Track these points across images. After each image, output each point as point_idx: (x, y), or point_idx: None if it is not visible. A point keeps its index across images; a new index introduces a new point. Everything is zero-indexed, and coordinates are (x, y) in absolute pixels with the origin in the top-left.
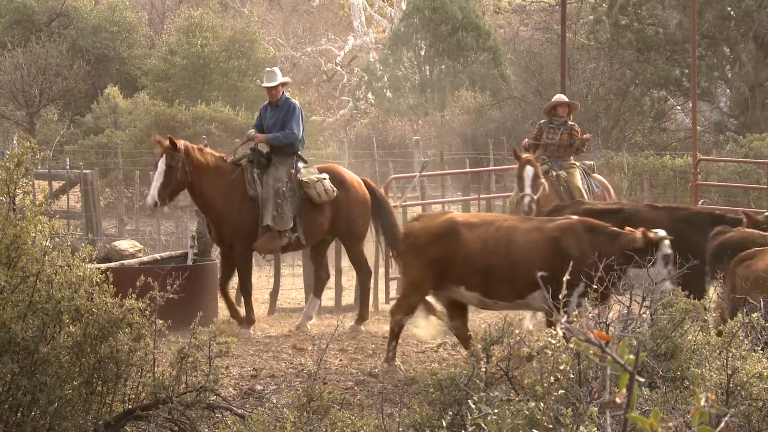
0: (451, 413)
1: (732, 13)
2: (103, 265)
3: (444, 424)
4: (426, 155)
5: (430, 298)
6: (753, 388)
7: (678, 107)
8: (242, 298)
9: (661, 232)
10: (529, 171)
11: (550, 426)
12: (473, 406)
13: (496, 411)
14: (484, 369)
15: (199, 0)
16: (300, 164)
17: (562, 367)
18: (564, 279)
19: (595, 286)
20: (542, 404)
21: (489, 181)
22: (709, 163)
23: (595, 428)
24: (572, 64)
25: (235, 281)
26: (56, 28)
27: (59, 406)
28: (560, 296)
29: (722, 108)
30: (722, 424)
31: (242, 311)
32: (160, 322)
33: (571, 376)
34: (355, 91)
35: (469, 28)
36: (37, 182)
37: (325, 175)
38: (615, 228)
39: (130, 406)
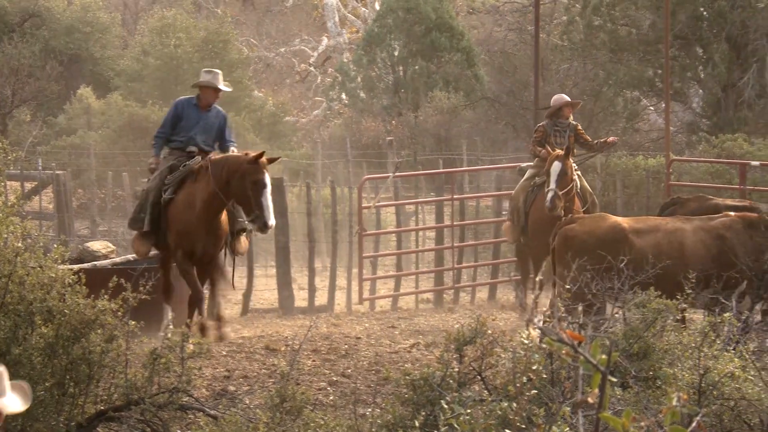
0: (424, 413)
1: (705, 13)
2: (76, 266)
3: (417, 424)
4: (399, 156)
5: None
6: (725, 387)
7: (651, 108)
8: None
9: None
10: (556, 166)
11: (523, 426)
12: (446, 406)
13: (468, 411)
14: (457, 369)
15: (172, 0)
16: None
17: (534, 367)
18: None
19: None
20: (515, 404)
21: (462, 181)
22: (682, 164)
23: (568, 428)
24: (545, 64)
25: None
26: (29, 28)
27: (31, 408)
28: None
29: (695, 108)
30: (694, 424)
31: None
32: (133, 323)
33: (544, 376)
34: (329, 91)
35: (442, 29)
36: (10, 183)
37: None
38: None
39: (102, 408)
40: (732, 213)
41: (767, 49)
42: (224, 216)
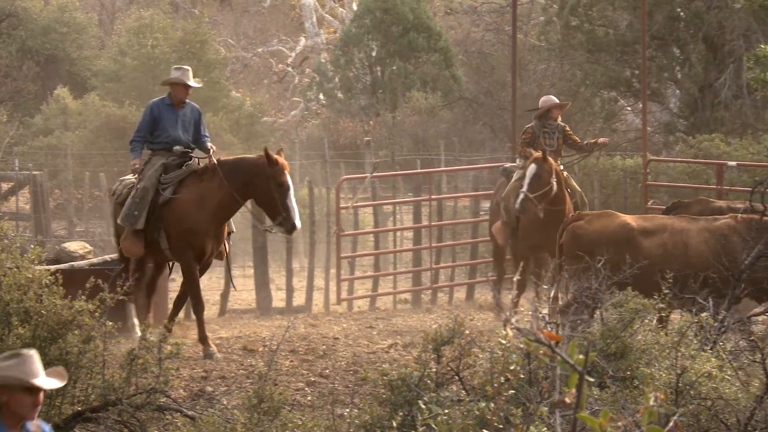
0: (401, 414)
1: (682, 14)
2: (53, 267)
3: (394, 424)
4: (377, 156)
5: None
6: (702, 387)
7: (628, 108)
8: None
9: None
10: (531, 169)
11: (501, 426)
12: (424, 407)
13: (446, 411)
14: (435, 369)
15: (149, 1)
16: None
17: (512, 367)
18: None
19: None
20: (492, 404)
21: (440, 181)
22: (659, 164)
23: (545, 428)
24: (523, 65)
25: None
26: (5, 28)
27: None
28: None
29: (672, 109)
30: (671, 424)
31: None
32: (110, 323)
33: (522, 376)
34: (307, 91)
35: (420, 29)
36: None
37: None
38: None
39: (79, 408)
40: (738, 215)
41: (744, 50)
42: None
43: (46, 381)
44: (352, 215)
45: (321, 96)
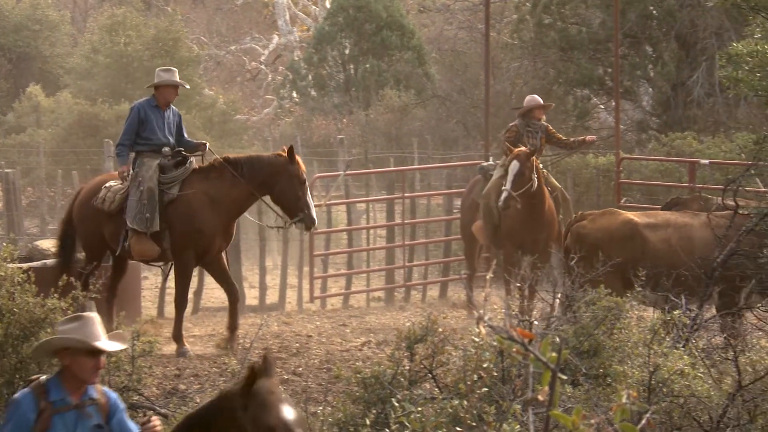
0: (375, 411)
1: (654, 12)
2: (25, 265)
3: (368, 422)
4: (350, 154)
5: None
6: (674, 385)
7: (601, 106)
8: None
9: None
10: (514, 166)
11: (474, 423)
12: (397, 404)
13: (419, 409)
14: (408, 367)
15: None
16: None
17: (485, 365)
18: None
19: None
20: (466, 402)
21: (413, 179)
22: (632, 162)
23: (518, 425)
24: (496, 63)
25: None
26: None
27: None
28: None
29: (645, 107)
30: (643, 421)
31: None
32: None
33: (495, 373)
34: (280, 89)
35: (393, 27)
36: None
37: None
38: None
39: None
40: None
41: (716, 48)
42: None
43: (109, 344)
44: (325, 213)
45: (294, 94)
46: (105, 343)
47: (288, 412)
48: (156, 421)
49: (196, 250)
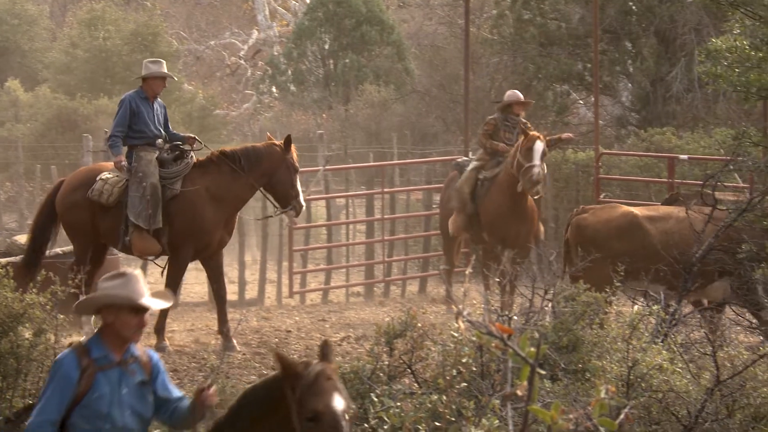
0: (354, 406)
1: (633, 8)
2: (4, 260)
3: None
4: (330, 149)
5: None
6: (653, 380)
7: (580, 101)
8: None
9: None
10: (539, 145)
11: (453, 419)
12: (376, 399)
13: (398, 404)
14: (387, 362)
15: None
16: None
17: (464, 360)
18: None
19: None
20: (445, 397)
21: (393, 174)
22: (611, 157)
23: (497, 420)
24: (476, 58)
25: None
26: None
27: None
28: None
29: (624, 102)
30: (622, 416)
31: None
32: (62, 316)
33: (474, 368)
34: (259, 84)
35: (373, 22)
36: None
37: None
38: None
39: (30, 402)
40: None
41: (695, 44)
42: None
43: (153, 301)
44: (304, 208)
45: (273, 89)
46: (149, 300)
47: (337, 400)
48: (213, 388)
49: (196, 247)
